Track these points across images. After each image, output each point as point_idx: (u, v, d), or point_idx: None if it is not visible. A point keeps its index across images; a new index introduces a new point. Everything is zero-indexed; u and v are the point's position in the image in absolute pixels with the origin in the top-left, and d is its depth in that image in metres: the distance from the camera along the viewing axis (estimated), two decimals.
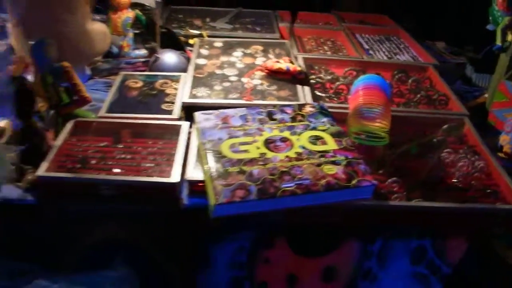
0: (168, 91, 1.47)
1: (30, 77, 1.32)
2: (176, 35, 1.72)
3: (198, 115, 1.25)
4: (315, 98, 1.46)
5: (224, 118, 1.24)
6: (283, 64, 1.50)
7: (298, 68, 1.50)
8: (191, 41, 1.75)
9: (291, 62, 1.52)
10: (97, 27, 1.57)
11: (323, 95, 1.52)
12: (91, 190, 1.11)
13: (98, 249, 1.20)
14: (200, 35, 1.79)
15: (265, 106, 1.31)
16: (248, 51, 1.70)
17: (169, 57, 1.60)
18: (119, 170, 1.15)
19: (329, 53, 1.83)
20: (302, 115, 1.27)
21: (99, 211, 1.15)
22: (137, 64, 1.67)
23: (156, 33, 1.58)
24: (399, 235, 1.23)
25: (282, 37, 1.87)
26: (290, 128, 1.22)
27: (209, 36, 1.79)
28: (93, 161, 1.18)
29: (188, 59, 1.62)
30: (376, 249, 1.25)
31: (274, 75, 1.52)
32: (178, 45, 1.68)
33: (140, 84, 1.50)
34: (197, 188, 1.13)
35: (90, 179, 1.11)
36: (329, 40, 1.91)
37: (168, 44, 1.65)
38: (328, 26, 2.05)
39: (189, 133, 1.26)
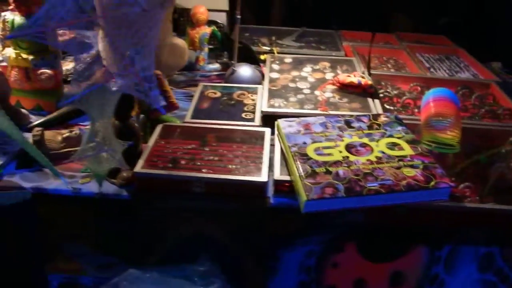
0: (246, 101, 1.56)
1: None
2: (252, 50, 1.83)
3: (281, 122, 1.34)
4: (385, 110, 1.53)
5: (306, 125, 1.32)
6: (355, 78, 1.58)
7: (369, 82, 1.57)
8: (262, 57, 1.85)
9: (362, 77, 1.59)
10: (178, 42, 1.69)
11: (392, 108, 1.59)
12: (183, 187, 1.20)
13: (185, 244, 1.28)
14: (271, 51, 1.90)
15: (342, 115, 1.39)
16: (317, 67, 1.78)
17: (245, 70, 1.70)
18: (208, 170, 1.23)
19: (392, 70, 1.90)
20: (378, 124, 1.34)
21: (190, 207, 1.23)
22: (211, 77, 1.77)
23: (234, 47, 1.68)
24: (467, 241, 1.27)
25: (346, 54, 1.95)
26: (368, 135, 1.29)
27: (278, 53, 1.89)
28: (183, 162, 1.26)
29: (261, 73, 1.71)
30: (444, 255, 1.29)
31: (345, 88, 1.59)
32: (253, 59, 1.78)
33: (218, 94, 1.60)
34: (282, 188, 1.21)
35: (184, 176, 1.20)
36: (391, 59, 1.99)
37: (243, 58, 1.75)
38: (390, 45, 2.13)
39: (271, 138, 1.35)
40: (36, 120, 1.49)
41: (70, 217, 1.33)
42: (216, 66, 1.84)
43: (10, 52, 1.52)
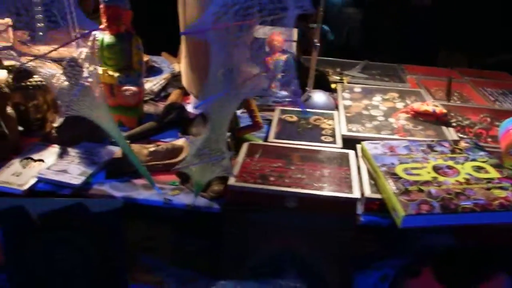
0: (322, 126, 1.62)
1: None
2: (327, 78, 1.90)
3: (366, 144, 1.39)
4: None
5: (390, 148, 1.37)
6: (429, 106, 1.63)
7: (444, 111, 1.62)
8: (332, 86, 1.92)
9: (435, 106, 1.64)
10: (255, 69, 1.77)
11: (465, 137, 1.62)
12: (276, 202, 1.25)
13: (273, 259, 1.32)
14: (341, 81, 1.97)
15: (424, 140, 1.43)
16: (386, 97, 1.84)
17: (319, 96, 1.77)
18: (297, 187, 1.27)
19: (458, 102, 1.94)
20: (460, 149, 1.38)
21: (281, 222, 1.27)
22: (283, 103, 1.85)
23: (311, 74, 1.75)
24: None
25: (411, 86, 2.01)
26: (452, 158, 1.33)
27: (348, 83, 1.96)
28: (272, 178, 1.31)
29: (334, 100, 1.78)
30: None
31: (419, 116, 1.64)
32: (326, 87, 1.85)
33: (295, 118, 1.67)
34: (372, 206, 1.25)
35: (278, 191, 1.25)
36: (455, 92, 2.03)
37: (316, 85, 1.82)
38: (454, 79, 2.18)
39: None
40: None
41: (157, 228, 1.39)
42: (288, 93, 1.91)
43: (97, 69, 1.60)
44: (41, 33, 1.85)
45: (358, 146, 1.44)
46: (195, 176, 1.23)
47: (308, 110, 1.72)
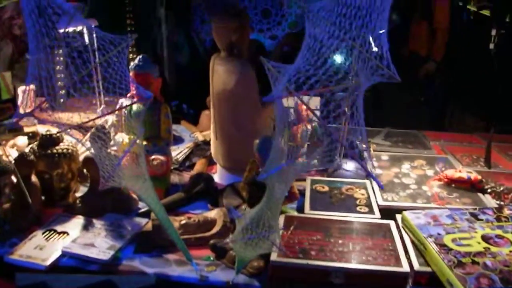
0: (356, 195, 1.57)
1: None
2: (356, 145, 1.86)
3: (408, 214, 1.34)
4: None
5: (433, 217, 1.32)
6: (463, 173, 1.59)
7: (479, 177, 1.58)
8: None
9: (469, 172, 1.60)
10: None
11: (502, 203, 1.57)
12: (320, 278, 1.18)
13: None
14: (367, 149, 1.93)
15: (465, 208, 1.38)
16: (414, 164, 1.81)
17: (349, 166, 1.73)
18: (342, 261, 1.21)
19: (485, 168, 1.90)
20: (505, 217, 1.33)
21: None
22: (311, 173, 1.80)
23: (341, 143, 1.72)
24: None
25: (437, 153, 1.98)
26: (499, 227, 1.28)
27: (374, 150, 1.93)
28: (313, 252, 1.25)
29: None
30: None
31: (452, 183, 1.60)
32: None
33: (326, 188, 1.62)
34: (421, 279, 1.18)
35: (322, 266, 1.18)
36: (480, 157, 2.00)
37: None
38: (476, 144, 2.15)
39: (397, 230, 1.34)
40: (145, 206, 1.50)
41: None
42: (314, 161, 1.86)
43: (123, 137, 1.57)
44: (62, 100, 1.85)
45: (398, 216, 1.38)
46: (239, 251, 1.16)
47: (339, 180, 1.68)
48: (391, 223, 1.37)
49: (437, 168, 1.78)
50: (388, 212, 1.44)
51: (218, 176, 1.73)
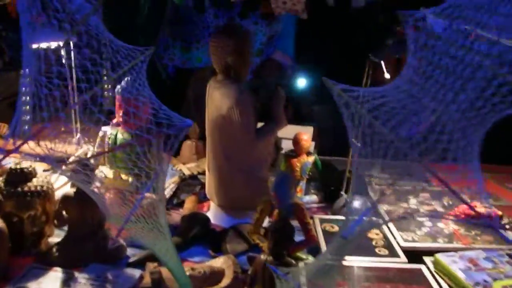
0: (370, 235, 1.42)
1: None
2: (364, 180, 1.72)
3: (441, 257, 1.19)
4: None
5: (470, 261, 1.19)
6: (483, 209, 1.47)
7: (499, 213, 1.47)
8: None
9: (487, 208, 1.49)
10: None
11: None
12: None
13: None
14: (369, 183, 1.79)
15: (500, 249, 1.26)
16: (420, 198, 1.69)
17: (358, 202, 1.57)
18: None
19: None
20: None
21: None
22: (312, 210, 1.64)
23: (352, 178, 1.58)
24: None
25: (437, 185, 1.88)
26: None
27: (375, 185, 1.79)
28: None
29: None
30: None
31: (470, 220, 1.48)
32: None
33: (336, 228, 1.46)
34: None
35: None
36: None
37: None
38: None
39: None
40: (135, 253, 1.28)
41: None
42: (314, 197, 1.71)
43: (105, 171, 1.36)
44: (26, 127, 1.59)
45: (427, 259, 1.24)
46: None
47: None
48: (422, 267, 1.22)
49: (445, 203, 1.66)
50: (411, 254, 1.30)
51: (212, 215, 1.51)
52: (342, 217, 1.54)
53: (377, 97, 0.90)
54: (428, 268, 1.22)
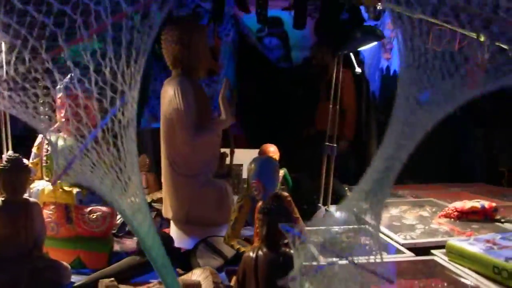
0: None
1: None
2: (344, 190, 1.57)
3: (457, 242, 1.03)
4: None
5: (488, 241, 1.03)
6: (476, 202, 1.34)
7: (493, 205, 1.34)
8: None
9: (477, 201, 1.36)
10: None
11: None
12: None
13: None
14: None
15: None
16: (403, 208, 1.54)
17: (339, 212, 1.40)
18: None
19: None
20: None
21: None
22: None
23: (328, 188, 1.43)
24: None
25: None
26: None
27: None
28: None
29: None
30: None
31: (464, 216, 1.34)
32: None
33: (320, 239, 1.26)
34: None
35: None
36: None
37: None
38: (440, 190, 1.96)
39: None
40: (78, 279, 1.02)
41: None
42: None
43: (42, 184, 1.12)
44: None
45: (437, 252, 1.06)
46: None
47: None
48: (437, 258, 1.04)
49: (428, 209, 1.52)
50: (417, 251, 1.13)
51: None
52: (324, 227, 1.34)
53: None
54: (441, 259, 1.04)
